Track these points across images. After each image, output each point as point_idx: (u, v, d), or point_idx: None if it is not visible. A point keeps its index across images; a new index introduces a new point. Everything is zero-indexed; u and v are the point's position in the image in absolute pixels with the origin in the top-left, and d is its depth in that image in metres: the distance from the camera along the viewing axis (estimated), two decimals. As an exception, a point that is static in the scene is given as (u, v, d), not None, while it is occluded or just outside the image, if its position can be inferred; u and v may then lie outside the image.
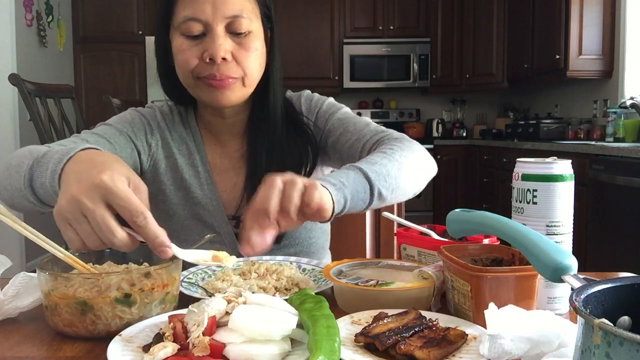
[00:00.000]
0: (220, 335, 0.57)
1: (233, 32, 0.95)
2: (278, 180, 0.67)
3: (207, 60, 0.94)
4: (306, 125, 1.08)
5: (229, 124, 1.07)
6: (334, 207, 0.72)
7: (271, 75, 1.04)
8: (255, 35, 0.98)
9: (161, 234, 0.62)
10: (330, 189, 0.73)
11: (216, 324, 0.59)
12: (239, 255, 1.03)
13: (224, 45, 0.94)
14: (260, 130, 1.05)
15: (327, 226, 1.17)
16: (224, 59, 0.94)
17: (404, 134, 1.02)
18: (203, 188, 1.05)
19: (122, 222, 0.63)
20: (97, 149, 0.76)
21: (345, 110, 1.10)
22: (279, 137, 1.05)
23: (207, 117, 1.08)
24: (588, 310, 0.40)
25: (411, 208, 5.06)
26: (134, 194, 0.62)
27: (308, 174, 1.06)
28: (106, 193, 0.60)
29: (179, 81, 1.01)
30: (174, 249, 0.65)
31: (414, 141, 0.99)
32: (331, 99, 1.13)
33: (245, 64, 0.96)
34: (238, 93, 0.98)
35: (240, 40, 0.96)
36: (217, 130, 1.08)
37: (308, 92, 1.14)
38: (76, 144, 0.87)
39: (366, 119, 1.08)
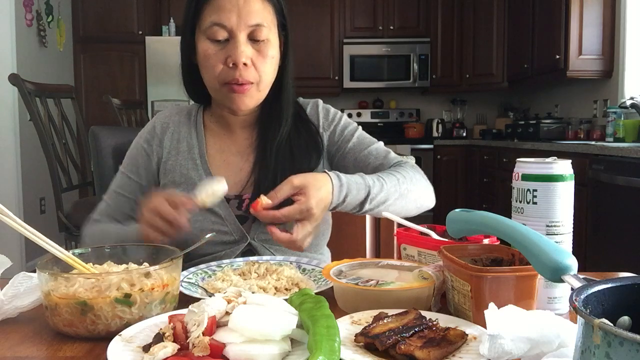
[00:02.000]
0: (220, 335, 0.57)
1: (253, 39, 1.05)
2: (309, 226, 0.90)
3: (230, 65, 1.04)
4: (314, 127, 1.18)
5: (240, 119, 1.16)
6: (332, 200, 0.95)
7: (284, 78, 1.14)
8: (272, 44, 1.07)
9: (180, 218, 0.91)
10: (335, 189, 0.95)
11: (216, 324, 0.59)
12: (241, 238, 1.10)
13: (246, 51, 1.03)
14: (270, 123, 1.14)
15: (327, 215, 1.21)
16: (244, 64, 1.03)
17: (416, 165, 1.16)
18: (201, 178, 1.12)
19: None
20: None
21: (361, 129, 1.22)
22: (288, 131, 1.14)
23: (221, 112, 1.16)
24: (588, 310, 0.40)
25: (411, 208, 5.04)
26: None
27: (313, 168, 1.15)
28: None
29: (199, 79, 1.11)
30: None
31: (424, 176, 1.14)
32: (345, 115, 1.24)
33: (261, 70, 1.06)
34: (253, 99, 1.09)
35: (259, 47, 1.05)
36: (228, 123, 1.17)
37: (321, 101, 1.24)
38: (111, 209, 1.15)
39: (381, 143, 1.20)
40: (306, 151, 1.14)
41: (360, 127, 1.21)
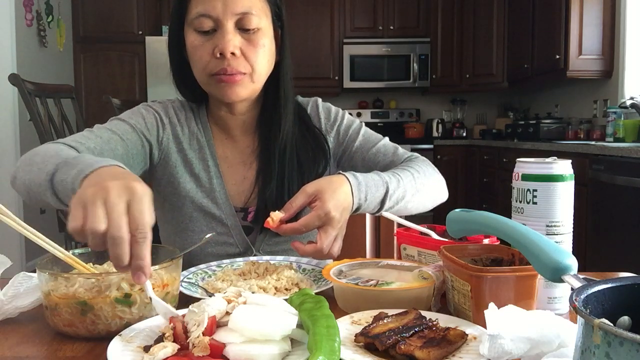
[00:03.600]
0: (220, 335, 0.57)
1: (242, 28, 1.00)
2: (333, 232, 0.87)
3: (218, 56, 0.99)
4: (318, 130, 1.14)
5: (240, 120, 1.11)
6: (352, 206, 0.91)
7: (281, 73, 1.08)
8: (263, 33, 1.02)
9: (148, 261, 0.60)
10: (354, 188, 0.91)
11: (216, 324, 0.59)
12: (246, 250, 1.08)
13: (233, 40, 0.99)
14: (272, 127, 1.09)
15: None
16: (233, 54, 0.99)
17: (427, 159, 1.14)
18: (212, 181, 1.08)
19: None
20: (124, 169, 0.76)
21: (364, 126, 1.18)
22: (292, 136, 1.09)
23: (219, 112, 1.11)
24: (588, 310, 0.40)
25: (411, 208, 5.06)
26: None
27: (320, 173, 1.11)
28: (133, 198, 0.61)
29: (191, 77, 1.06)
30: (148, 286, 0.64)
31: (435, 169, 1.11)
32: (346, 113, 1.20)
33: (253, 60, 1.01)
34: (247, 89, 1.03)
35: (249, 37, 1.00)
36: (228, 125, 1.12)
37: (320, 100, 1.19)
38: (92, 142, 0.96)
39: (387, 139, 1.18)
40: (313, 158, 1.10)
41: (363, 124, 1.18)
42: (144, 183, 0.65)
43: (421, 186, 1.02)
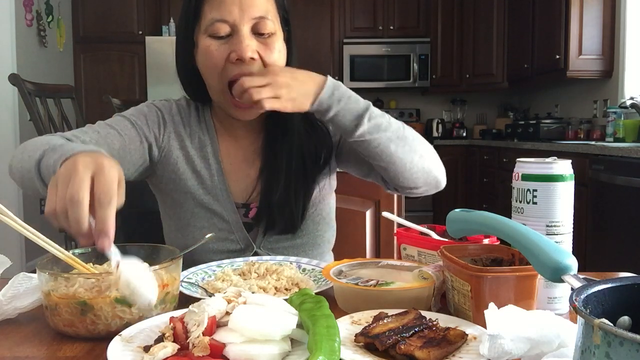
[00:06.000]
0: (220, 335, 0.57)
1: (258, 32, 0.98)
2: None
3: (234, 61, 0.97)
4: (321, 123, 1.12)
5: (247, 122, 1.09)
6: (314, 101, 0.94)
7: None
8: (277, 37, 1.01)
9: (112, 224, 0.63)
10: (329, 82, 0.96)
11: (216, 324, 0.59)
12: (247, 247, 1.08)
13: (251, 45, 0.97)
14: (278, 127, 1.09)
15: (332, 221, 1.20)
16: (252, 58, 0.97)
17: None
18: (213, 179, 1.08)
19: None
20: (103, 152, 0.78)
21: None
22: (297, 133, 1.08)
23: (223, 114, 1.11)
24: (588, 310, 0.40)
25: (411, 208, 5.07)
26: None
27: (322, 167, 1.11)
28: (100, 171, 0.65)
29: (199, 79, 1.05)
30: (113, 249, 0.65)
31: (434, 150, 1.06)
32: None
33: (271, 63, 0.99)
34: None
35: (264, 41, 0.99)
36: (232, 125, 1.11)
37: None
38: (89, 136, 0.98)
39: None
40: (316, 152, 1.09)
41: None
42: (115, 161, 0.69)
43: (410, 139, 0.99)
